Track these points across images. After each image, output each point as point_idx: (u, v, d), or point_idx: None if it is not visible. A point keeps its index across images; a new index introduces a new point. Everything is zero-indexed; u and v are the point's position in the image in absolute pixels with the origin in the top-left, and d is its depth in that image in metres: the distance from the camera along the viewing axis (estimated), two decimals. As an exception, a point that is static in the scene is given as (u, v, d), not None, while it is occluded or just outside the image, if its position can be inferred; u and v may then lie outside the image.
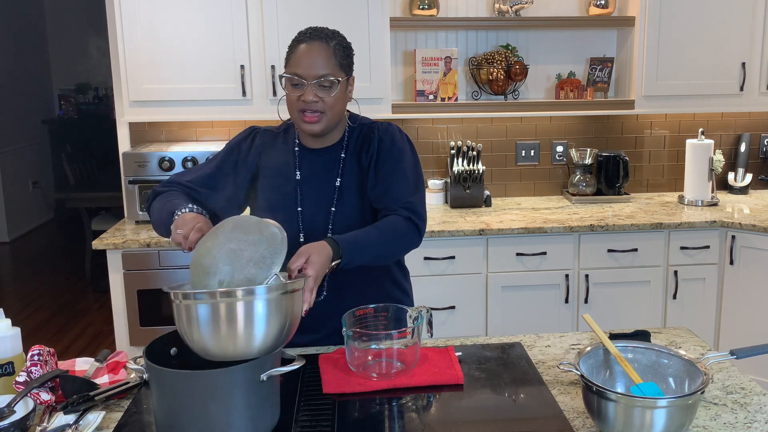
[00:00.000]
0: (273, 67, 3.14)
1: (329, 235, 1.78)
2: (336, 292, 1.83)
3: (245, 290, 1.30)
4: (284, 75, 1.74)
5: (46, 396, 1.48)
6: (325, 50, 1.71)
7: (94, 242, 2.99)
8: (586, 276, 3.19)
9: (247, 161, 1.87)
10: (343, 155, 1.84)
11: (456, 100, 3.44)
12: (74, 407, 1.46)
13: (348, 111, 1.87)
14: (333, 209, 1.81)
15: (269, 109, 3.19)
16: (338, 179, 1.83)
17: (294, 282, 1.39)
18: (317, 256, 1.52)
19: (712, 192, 3.52)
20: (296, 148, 1.86)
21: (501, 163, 3.72)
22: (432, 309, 1.72)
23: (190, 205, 1.70)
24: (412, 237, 1.75)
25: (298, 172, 1.84)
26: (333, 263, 1.58)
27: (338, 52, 1.74)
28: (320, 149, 1.85)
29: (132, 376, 1.62)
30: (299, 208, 1.82)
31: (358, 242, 1.64)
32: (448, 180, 3.50)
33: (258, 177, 1.88)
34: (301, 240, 1.80)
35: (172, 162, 3.15)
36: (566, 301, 3.20)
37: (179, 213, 1.67)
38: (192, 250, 1.52)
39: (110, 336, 4.39)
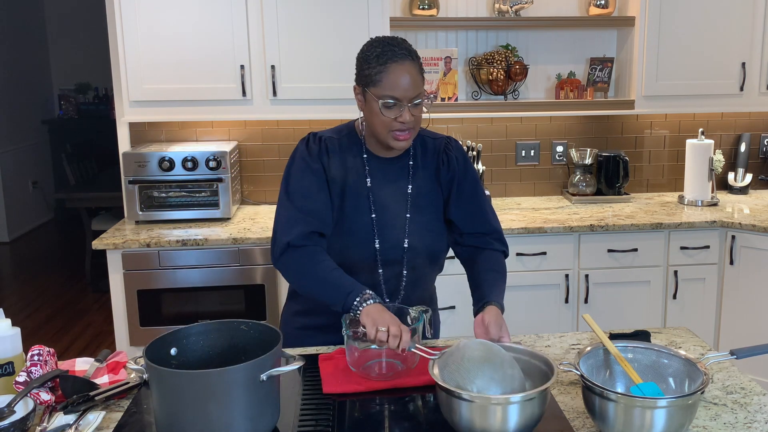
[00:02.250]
0: (273, 67, 3.13)
1: (405, 243, 1.82)
2: (389, 296, 1.86)
3: (503, 398, 1.34)
4: (381, 99, 1.68)
5: (46, 396, 1.48)
6: (414, 68, 1.70)
7: (94, 242, 2.99)
8: (586, 276, 3.19)
9: (330, 172, 1.81)
10: (411, 163, 1.86)
11: (456, 100, 3.44)
12: (74, 407, 1.46)
13: None
14: (408, 215, 1.83)
15: (269, 109, 3.19)
16: (409, 186, 1.85)
17: (545, 386, 1.36)
18: (504, 323, 1.65)
19: (712, 192, 3.51)
20: (365, 155, 1.84)
21: (501, 163, 3.72)
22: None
23: (369, 292, 1.63)
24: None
25: (368, 180, 1.83)
26: None
27: (421, 68, 1.74)
28: (389, 158, 1.85)
29: (132, 376, 1.62)
30: (373, 215, 1.81)
31: (502, 297, 1.76)
32: (448, 180, 3.50)
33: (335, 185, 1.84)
34: (377, 246, 1.80)
35: (172, 162, 3.15)
36: (566, 301, 3.20)
37: (365, 304, 1.59)
38: (405, 351, 1.53)
39: (110, 336, 4.39)
